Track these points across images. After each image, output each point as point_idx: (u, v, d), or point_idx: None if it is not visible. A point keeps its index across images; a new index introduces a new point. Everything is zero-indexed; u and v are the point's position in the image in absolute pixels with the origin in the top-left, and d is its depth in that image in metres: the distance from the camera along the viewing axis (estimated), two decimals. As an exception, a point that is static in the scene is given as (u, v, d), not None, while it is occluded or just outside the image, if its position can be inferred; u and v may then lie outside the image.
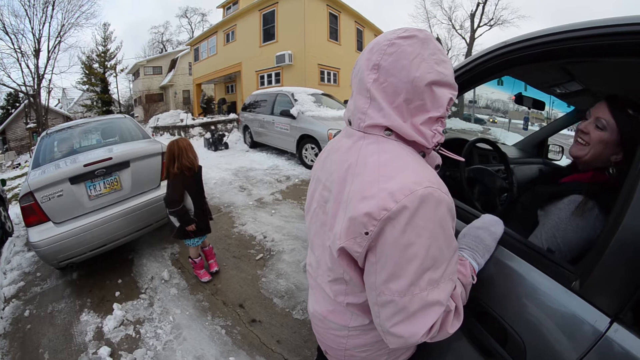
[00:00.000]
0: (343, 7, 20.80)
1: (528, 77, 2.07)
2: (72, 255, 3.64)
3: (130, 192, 4.15)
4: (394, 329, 0.86)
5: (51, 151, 4.68)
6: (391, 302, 0.84)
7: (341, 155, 1.01)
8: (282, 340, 2.86)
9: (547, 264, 1.00)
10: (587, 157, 1.30)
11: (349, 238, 0.87)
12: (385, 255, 0.83)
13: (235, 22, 21.91)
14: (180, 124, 15.61)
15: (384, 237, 0.82)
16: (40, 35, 25.12)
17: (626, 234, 0.78)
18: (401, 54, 0.89)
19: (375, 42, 0.95)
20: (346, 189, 0.92)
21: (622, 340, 0.76)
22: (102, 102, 37.35)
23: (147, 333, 3.06)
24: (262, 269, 3.95)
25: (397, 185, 0.81)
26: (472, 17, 29.40)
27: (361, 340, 1.10)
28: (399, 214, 0.79)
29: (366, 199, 0.84)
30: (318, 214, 1.08)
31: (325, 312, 1.15)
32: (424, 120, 0.91)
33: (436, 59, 0.90)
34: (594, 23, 1.01)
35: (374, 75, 0.92)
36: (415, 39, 0.90)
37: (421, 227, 0.80)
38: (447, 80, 0.92)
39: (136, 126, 5.55)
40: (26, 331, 3.26)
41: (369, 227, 0.82)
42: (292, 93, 9.50)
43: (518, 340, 0.97)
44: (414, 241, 0.80)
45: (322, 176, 1.10)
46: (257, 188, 7.09)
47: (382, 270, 0.84)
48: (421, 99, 0.89)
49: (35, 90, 25.62)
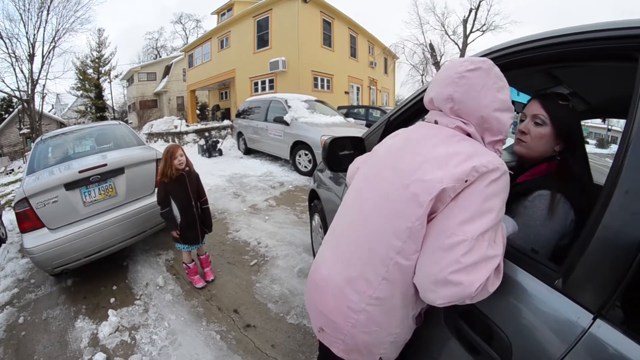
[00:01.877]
0: (337, 13, 20.89)
1: (518, 83, 2.11)
2: (66, 261, 3.64)
3: (125, 198, 4.16)
4: (454, 276, 0.93)
5: (46, 157, 4.69)
6: (462, 242, 0.94)
7: (428, 131, 1.21)
8: (276, 344, 2.88)
9: (530, 263, 1.04)
10: (532, 154, 1.41)
11: (451, 182, 0.98)
12: (469, 200, 0.98)
13: (230, 29, 21.95)
14: (174, 131, 15.58)
15: (474, 186, 0.98)
16: (34, 40, 24.86)
17: (606, 233, 0.81)
18: (471, 87, 1.09)
19: (446, 74, 1.15)
20: (439, 150, 1.08)
21: (605, 336, 0.77)
22: (96, 108, 37.19)
23: (143, 339, 3.07)
24: (257, 275, 3.97)
25: (492, 157, 1.02)
26: (464, 23, 29.52)
27: (374, 319, 1.11)
28: (492, 173, 0.98)
29: (471, 157, 1.01)
30: (382, 184, 1.18)
31: (349, 278, 1.15)
32: (490, 141, 1.13)
33: (497, 87, 1.10)
34: (571, 30, 1.07)
35: (449, 104, 1.14)
36: (480, 71, 1.09)
37: (499, 189, 0.99)
38: (507, 105, 1.11)
39: (131, 132, 5.56)
40: (20, 338, 3.25)
41: (470, 176, 0.98)
42: (285, 100, 9.53)
43: (504, 339, 0.98)
44: (493, 197, 0.98)
45: (394, 150, 1.25)
46: (251, 194, 7.11)
47: (461, 213, 0.98)
48: (488, 123, 1.10)
49: (29, 96, 25.36)
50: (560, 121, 1.32)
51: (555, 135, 1.33)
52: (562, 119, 1.32)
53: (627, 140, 0.82)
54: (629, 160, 0.80)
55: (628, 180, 0.79)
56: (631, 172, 0.79)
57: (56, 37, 26.04)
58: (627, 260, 0.76)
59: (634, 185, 0.78)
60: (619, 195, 0.80)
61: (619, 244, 0.79)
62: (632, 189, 0.78)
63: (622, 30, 0.93)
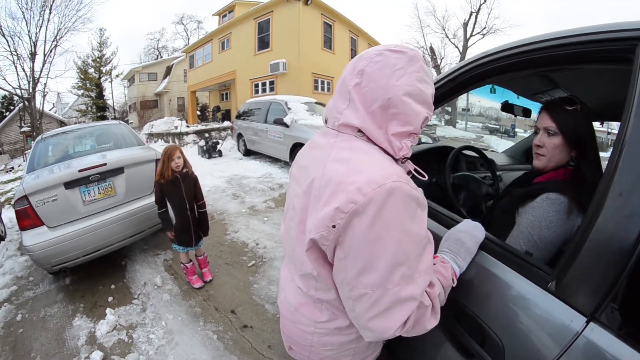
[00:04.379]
0: (337, 16, 20.89)
1: (516, 87, 2.12)
2: (65, 259, 3.65)
3: (124, 198, 4.17)
4: (371, 323, 0.88)
5: (46, 156, 4.69)
6: (365, 295, 0.86)
7: (315, 152, 1.05)
8: (273, 345, 2.88)
9: (524, 265, 1.02)
10: (551, 164, 1.37)
11: (318, 231, 0.88)
12: (355, 249, 0.84)
13: (231, 30, 21.95)
14: (174, 131, 15.58)
15: (352, 231, 0.83)
16: (36, 38, 24.90)
17: (600, 236, 0.81)
18: (386, 64, 0.93)
19: (366, 51, 0.99)
20: (315, 184, 0.94)
21: (598, 339, 0.77)
22: (96, 107, 37.12)
23: (140, 338, 3.07)
24: (254, 276, 3.98)
25: (365, 179, 0.82)
26: (465, 27, 29.66)
27: (326, 339, 1.11)
28: (366, 206, 0.80)
29: (335, 193, 0.85)
30: (295, 209, 1.08)
31: (297, 304, 1.15)
32: (396, 132, 0.95)
33: (419, 77, 0.94)
34: (567, 32, 1.07)
35: (357, 79, 0.96)
36: (403, 54, 0.94)
37: (390, 220, 0.81)
38: (425, 98, 0.96)
39: (131, 132, 5.57)
40: (18, 335, 3.25)
41: (336, 220, 0.84)
42: (285, 102, 9.55)
43: (497, 341, 0.98)
44: (383, 235, 0.81)
45: (296, 172, 1.13)
46: (250, 196, 7.12)
47: (353, 265, 0.85)
48: (396, 107, 0.92)
49: (30, 94, 25.34)
50: (569, 129, 1.30)
51: (568, 143, 1.31)
52: (570, 126, 1.30)
53: (621, 142, 0.82)
54: (622, 162, 0.80)
55: (622, 182, 0.79)
56: (625, 175, 0.79)
57: (58, 35, 26.13)
58: (621, 263, 0.76)
59: (627, 187, 0.78)
60: (612, 198, 0.80)
61: (612, 246, 0.79)
62: (625, 192, 0.78)
63: (617, 32, 0.93)
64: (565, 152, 1.33)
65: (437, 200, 1.57)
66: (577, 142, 1.30)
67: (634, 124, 0.80)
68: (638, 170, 0.78)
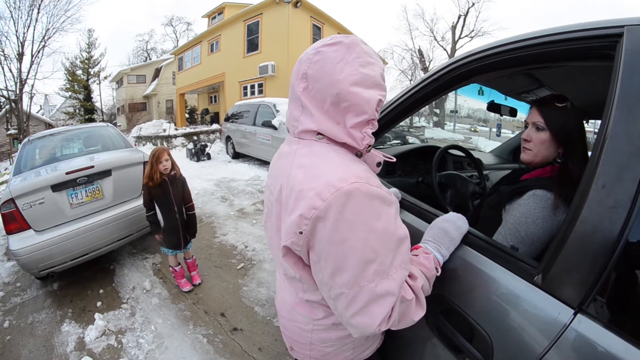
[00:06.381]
0: (327, 18, 20.90)
1: (502, 86, 2.14)
2: (53, 264, 3.61)
3: (111, 200, 4.14)
4: (353, 320, 0.88)
5: (33, 158, 4.65)
6: (342, 294, 0.87)
7: (281, 161, 1.06)
8: (263, 347, 2.88)
9: (510, 260, 1.03)
10: (537, 159, 1.39)
11: (289, 238, 0.91)
12: (325, 252, 0.86)
13: (220, 32, 21.87)
14: (162, 134, 15.50)
15: (319, 235, 0.85)
16: (24, 38, 24.42)
17: (584, 228, 0.81)
18: (325, 61, 0.93)
19: (305, 52, 0.99)
20: (283, 192, 0.95)
21: (586, 330, 0.78)
22: (84, 109, 36.64)
23: (129, 343, 3.05)
24: (244, 278, 3.98)
25: (323, 184, 0.84)
26: (453, 29, 29.90)
27: (325, 335, 1.13)
28: (326, 211, 0.82)
29: (298, 200, 0.87)
30: (271, 218, 1.09)
31: (292, 303, 1.17)
32: (353, 124, 0.95)
33: (361, 61, 0.94)
34: (550, 30, 1.08)
35: (303, 84, 0.97)
36: (340, 45, 0.94)
37: (352, 221, 0.82)
38: (373, 81, 0.95)
39: (118, 135, 5.54)
40: (5, 342, 3.21)
41: (302, 226, 0.86)
42: (274, 104, 9.58)
43: (485, 336, 0.99)
44: (348, 236, 0.82)
45: (269, 182, 1.14)
46: (239, 198, 7.12)
47: (326, 267, 0.87)
48: (347, 100, 0.93)
49: (17, 96, 24.92)
50: (556, 125, 1.32)
51: (554, 139, 1.33)
52: (558, 123, 1.32)
53: (604, 135, 0.83)
54: (605, 155, 0.81)
55: (604, 174, 0.80)
56: (607, 167, 0.80)
57: (46, 36, 25.69)
58: (606, 254, 0.77)
59: (610, 179, 0.79)
60: (596, 190, 0.81)
61: (597, 238, 0.79)
62: (608, 183, 0.79)
63: (599, 30, 0.95)
64: (552, 148, 1.35)
65: (424, 199, 1.57)
66: (564, 139, 1.32)
67: (616, 117, 0.82)
68: (620, 162, 0.79)
